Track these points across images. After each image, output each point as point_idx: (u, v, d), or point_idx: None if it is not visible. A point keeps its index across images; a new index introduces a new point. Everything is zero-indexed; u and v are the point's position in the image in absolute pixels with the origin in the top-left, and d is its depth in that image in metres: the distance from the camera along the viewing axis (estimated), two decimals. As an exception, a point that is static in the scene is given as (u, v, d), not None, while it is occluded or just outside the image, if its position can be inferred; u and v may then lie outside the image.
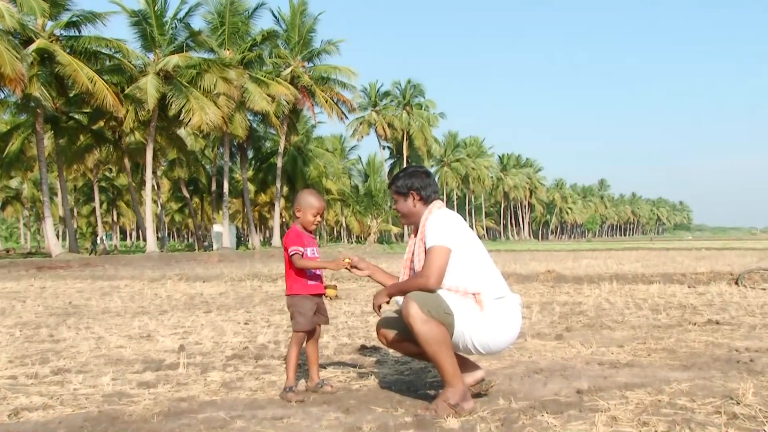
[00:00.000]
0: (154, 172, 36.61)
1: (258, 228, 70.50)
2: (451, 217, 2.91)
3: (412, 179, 3.03)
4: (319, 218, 3.21)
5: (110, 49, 26.92)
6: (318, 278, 3.23)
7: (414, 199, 3.02)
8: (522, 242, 74.17)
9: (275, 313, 6.57)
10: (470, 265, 2.85)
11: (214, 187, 41.55)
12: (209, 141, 40.90)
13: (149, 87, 26.73)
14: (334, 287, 3.28)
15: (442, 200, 3.14)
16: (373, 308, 2.96)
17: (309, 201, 3.22)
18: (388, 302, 2.95)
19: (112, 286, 10.67)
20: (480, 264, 2.88)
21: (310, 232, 3.28)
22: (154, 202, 47.24)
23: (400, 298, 2.98)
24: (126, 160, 32.35)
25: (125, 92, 27.27)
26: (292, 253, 3.11)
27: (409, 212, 3.04)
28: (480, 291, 2.81)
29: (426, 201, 3.02)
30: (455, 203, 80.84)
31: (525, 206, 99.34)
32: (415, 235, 3.11)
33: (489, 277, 2.87)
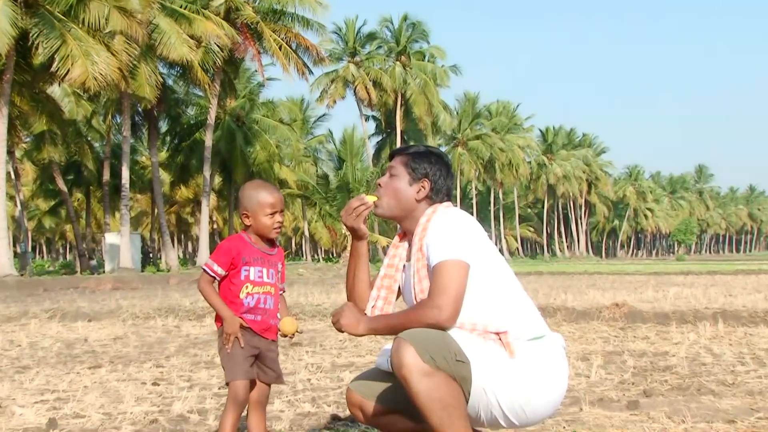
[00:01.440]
0: (10, 153, 36.32)
1: (176, 238, 70.48)
2: (466, 220, 2.96)
3: (437, 166, 3.11)
4: (279, 218, 3.31)
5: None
6: (261, 312, 3.28)
7: (423, 190, 3.09)
8: (576, 261, 74.61)
9: (201, 367, 6.52)
10: (493, 291, 2.89)
11: (106, 176, 41.35)
12: (99, 106, 40.74)
13: (0, 19, 26.44)
14: (292, 320, 3.30)
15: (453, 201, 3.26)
16: (335, 327, 3.02)
17: (259, 197, 3.30)
18: (360, 336, 2.99)
19: (-53, 327, 10.53)
20: (506, 290, 2.93)
21: (271, 241, 3.36)
22: (11, 198, 46.94)
23: (385, 348, 2.97)
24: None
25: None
26: (204, 268, 3.27)
27: (404, 202, 3.09)
28: (507, 329, 2.85)
29: (433, 201, 3.10)
30: (474, 202, 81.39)
31: (581, 207, 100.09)
32: (402, 238, 3.15)
33: (519, 310, 2.92)
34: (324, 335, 8.86)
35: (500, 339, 2.83)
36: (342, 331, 2.97)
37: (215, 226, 56.11)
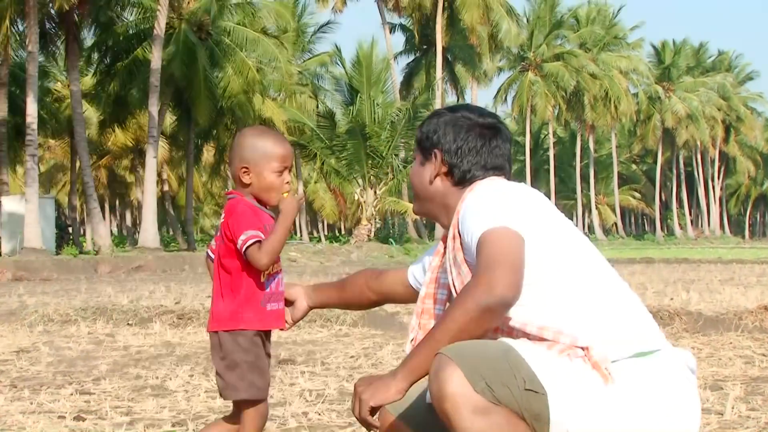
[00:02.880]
0: None
1: (108, 205, 70.65)
2: (518, 188, 3.04)
3: (449, 126, 3.20)
4: (288, 177, 3.59)
5: None
6: (281, 296, 3.68)
7: (436, 169, 3.19)
8: (705, 242, 74.24)
9: (146, 394, 6.56)
10: (568, 280, 2.91)
11: (2, 112, 41.43)
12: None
13: None
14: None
15: (509, 173, 3.27)
16: (360, 420, 2.90)
17: (266, 146, 3.58)
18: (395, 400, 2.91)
19: None
20: (592, 280, 2.95)
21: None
22: None
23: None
24: None
25: None
26: (250, 243, 3.48)
27: (419, 187, 3.26)
28: (592, 340, 2.84)
29: (460, 180, 3.18)
30: (551, 155, 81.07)
31: (713, 162, 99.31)
32: (444, 245, 3.20)
33: (616, 310, 2.92)
34: (327, 348, 8.87)
35: (589, 355, 2.81)
36: (369, 420, 2.87)
37: (166, 187, 56.24)
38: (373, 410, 2.88)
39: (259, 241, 3.47)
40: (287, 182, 3.59)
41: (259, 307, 3.55)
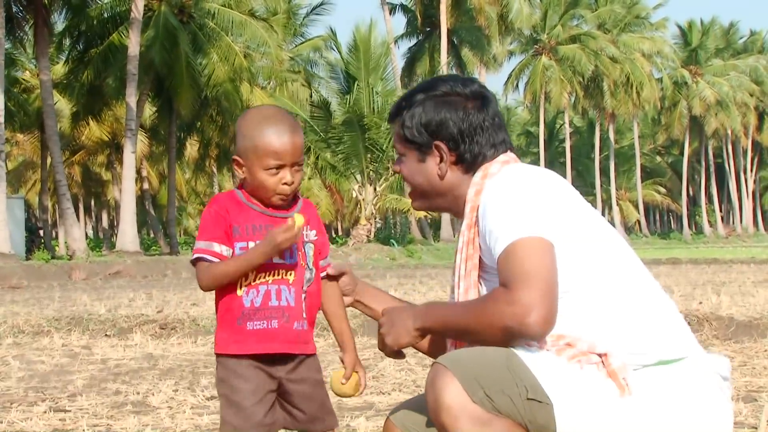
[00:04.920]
0: None
1: (82, 206, 70.54)
2: (534, 179, 3.00)
3: (442, 111, 3.15)
4: (287, 176, 3.27)
5: None
6: (275, 313, 3.22)
7: (442, 159, 3.15)
8: (737, 241, 74.04)
9: (127, 411, 6.56)
10: (599, 287, 2.91)
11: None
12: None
13: None
14: (352, 376, 3.36)
15: (516, 153, 3.21)
16: (386, 353, 3.11)
17: (259, 137, 3.25)
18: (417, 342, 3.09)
19: None
20: (623, 282, 2.94)
21: (276, 208, 3.32)
22: None
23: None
24: None
25: None
26: (195, 257, 3.26)
27: (427, 185, 3.19)
28: (612, 347, 2.84)
29: (470, 165, 3.14)
30: (567, 146, 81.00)
31: (745, 152, 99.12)
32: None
33: (645, 316, 2.91)
34: (324, 360, 8.86)
35: (605, 363, 2.81)
36: (397, 354, 3.09)
37: (145, 185, 56.19)
38: (397, 352, 3.11)
39: (202, 259, 3.20)
40: (285, 182, 3.27)
41: (235, 327, 3.21)
